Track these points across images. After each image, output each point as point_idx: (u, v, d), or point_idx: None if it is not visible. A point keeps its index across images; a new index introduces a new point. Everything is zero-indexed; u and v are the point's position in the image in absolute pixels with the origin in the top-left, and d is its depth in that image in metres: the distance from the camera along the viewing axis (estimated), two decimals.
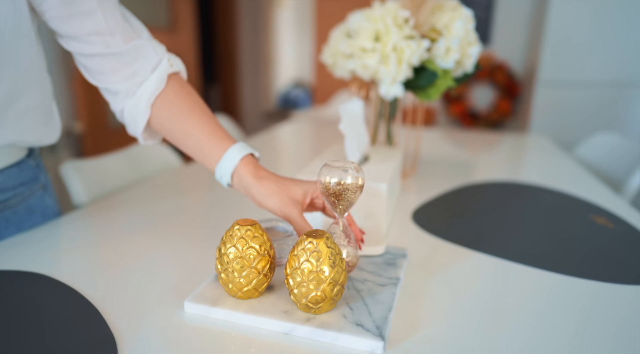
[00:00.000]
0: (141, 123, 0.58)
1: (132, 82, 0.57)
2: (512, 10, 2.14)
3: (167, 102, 0.57)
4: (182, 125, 0.57)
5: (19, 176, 0.63)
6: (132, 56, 0.56)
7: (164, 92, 0.57)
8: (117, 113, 0.61)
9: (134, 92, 0.57)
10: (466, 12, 0.81)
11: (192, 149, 0.57)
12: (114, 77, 0.57)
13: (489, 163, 1.19)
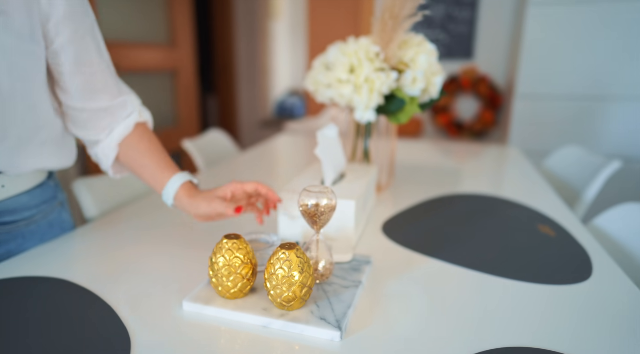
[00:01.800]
0: (110, 159, 0.74)
1: (107, 130, 0.73)
2: (492, 27, 2.26)
3: (131, 143, 0.73)
4: (140, 160, 0.73)
5: (41, 195, 0.74)
6: (114, 109, 0.72)
7: (130, 135, 0.73)
8: (92, 156, 0.76)
9: (105, 136, 0.73)
10: (430, 46, 0.92)
11: (146, 178, 0.73)
12: (96, 130, 0.72)
13: (461, 176, 1.29)
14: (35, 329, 0.52)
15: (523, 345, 0.50)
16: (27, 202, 0.71)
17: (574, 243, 0.78)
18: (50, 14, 0.64)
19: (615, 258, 0.82)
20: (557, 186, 1.35)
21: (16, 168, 0.66)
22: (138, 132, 0.74)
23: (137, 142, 0.73)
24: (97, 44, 0.70)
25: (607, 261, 0.71)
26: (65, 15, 0.65)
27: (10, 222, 0.69)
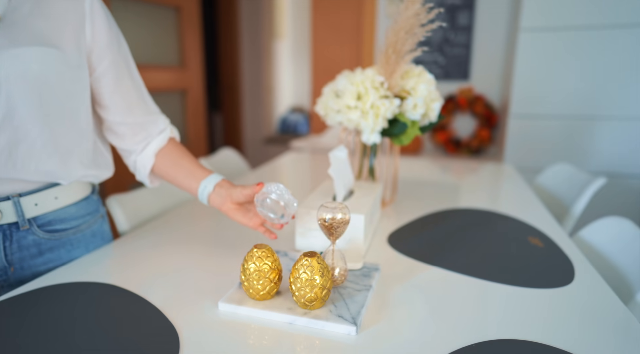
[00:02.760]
0: (147, 168, 0.84)
1: (143, 143, 0.84)
2: (487, 50, 2.39)
3: (167, 153, 0.85)
4: (176, 167, 0.84)
5: (86, 207, 0.84)
6: (148, 125, 0.84)
7: (165, 147, 0.85)
8: (130, 165, 0.87)
9: (142, 148, 0.84)
10: (429, 76, 1.03)
11: (182, 180, 0.83)
12: (132, 140, 0.83)
13: (460, 191, 1.39)
14: (92, 328, 0.60)
15: (512, 338, 0.59)
16: (74, 213, 0.81)
17: (560, 252, 0.87)
18: (93, 47, 0.76)
19: (598, 266, 0.91)
20: (549, 201, 1.44)
21: (67, 177, 0.77)
22: (171, 144, 0.86)
23: (172, 152, 0.85)
24: (130, 69, 0.83)
25: (588, 268, 0.80)
26: (105, 47, 0.77)
27: (61, 230, 0.79)
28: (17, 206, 0.72)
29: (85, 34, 0.75)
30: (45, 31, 0.70)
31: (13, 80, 0.66)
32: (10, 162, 0.70)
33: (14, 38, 0.67)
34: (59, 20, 0.72)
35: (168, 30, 2.56)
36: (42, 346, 0.56)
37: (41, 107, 0.70)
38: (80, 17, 0.74)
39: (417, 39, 0.95)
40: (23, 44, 0.67)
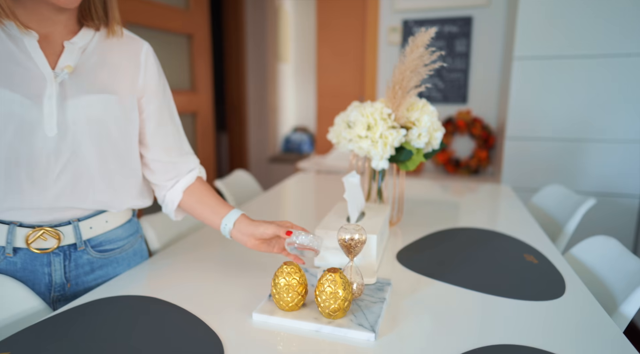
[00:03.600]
0: (175, 203, 0.93)
1: (173, 181, 0.93)
2: (483, 76, 2.52)
3: (194, 191, 0.93)
4: (200, 204, 0.91)
5: (129, 229, 0.94)
6: (180, 164, 0.93)
7: (192, 185, 0.94)
8: (159, 198, 0.96)
9: (172, 184, 0.93)
10: (431, 108, 1.14)
11: (206, 216, 0.90)
12: (164, 176, 0.93)
13: (460, 211, 1.49)
14: (142, 335, 0.70)
15: (508, 344, 0.68)
16: (120, 234, 0.90)
17: (553, 269, 0.97)
18: (144, 92, 0.87)
19: (587, 280, 1.00)
20: (543, 219, 1.54)
21: (118, 207, 0.87)
22: (198, 182, 0.95)
23: (198, 189, 0.93)
24: (172, 114, 0.93)
25: (578, 283, 0.89)
26: (153, 93, 0.88)
27: (109, 250, 0.89)
28: (76, 230, 0.82)
29: (138, 81, 0.85)
30: (107, 80, 0.81)
31: (80, 123, 0.77)
32: (73, 193, 0.80)
33: (82, 87, 0.77)
34: (119, 69, 0.83)
35: (181, 57, 2.70)
36: (99, 353, 0.65)
37: (100, 145, 0.80)
38: (136, 66, 0.85)
39: (421, 77, 1.06)
40: (89, 91, 0.78)
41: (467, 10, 2.49)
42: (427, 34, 1.03)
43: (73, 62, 0.78)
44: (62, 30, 0.79)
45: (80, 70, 0.79)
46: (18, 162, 0.74)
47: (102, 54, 0.82)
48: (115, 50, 0.84)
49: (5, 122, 0.72)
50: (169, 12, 2.52)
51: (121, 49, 0.85)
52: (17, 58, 0.73)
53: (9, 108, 0.71)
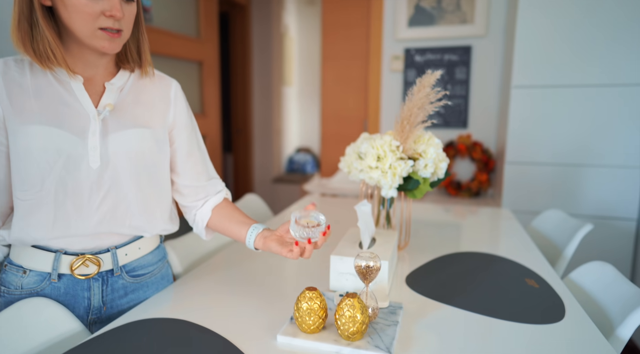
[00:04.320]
0: (205, 221, 1.00)
1: (203, 201, 1.01)
2: (482, 102, 2.63)
3: (222, 209, 1.01)
4: (228, 219, 0.99)
5: (158, 255, 1.01)
6: (208, 187, 1.02)
7: (220, 204, 1.02)
8: (189, 219, 1.03)
9: (202, 204, 1.01)
10: (437, 141, 1.23)
11: (233, 230, 0.97)
12: (195, 198, 1.01)
13: (463, 235, 1.56)
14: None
15: None
16: (150, 260, 0.97)
17: (553, 293, 1.03)
18: (174, 125, 0.96)
19: (585, 304, 1.07)
20: (543, 243, 1.61)
21: (151, 231, 0.94)
22: (225, 202, 1.03)
23: (225, 207, 1.02)
24: (199, 143, 1.02)
25: (576, 307, 0.96)
26: (182, 126, 0.97)
27: (141, 275, 0.96)
28: (114, 256, 0.90)
29: (169, 115, 0.95)
30: (142, 115, 0.90)
31: (119, 155, 0.85)
32: (113, 219, 0.87)
33: (120, 122, 0.86)
34: (152, 105, 0.92)
35: (192, 82, 2.81)
36: None
37: (137, 175, 0.88)
38: (167, 103, 0.95)
39: (427, 113, 1.15)
40: (127, 126, 0.87)
41: (466, 39, 2.61)
42: (433, 76, 1.12)
43: (113, 100, 0.87)
44: (102, 72, 0.88)
45: (119, 108, 0.87)
46: (66, 192, 0.82)
47: (137, 92, 0.92)
48: (148, 88, 0.94)
49: (56, 157, 0.80)
50: (183, 41, 2.64)
51: (153, 87, 0.94)
52: (66, 99, 0.82)
53: (59, 144, 0.80)
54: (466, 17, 2.57)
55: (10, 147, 0.80)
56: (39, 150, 0.79)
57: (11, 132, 0.79)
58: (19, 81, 0.80)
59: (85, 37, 0.78)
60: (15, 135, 0.79)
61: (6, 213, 0.87)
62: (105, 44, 0.80)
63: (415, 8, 2.64)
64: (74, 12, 0.76)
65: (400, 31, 2.68)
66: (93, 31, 0.78)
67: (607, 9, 2.02)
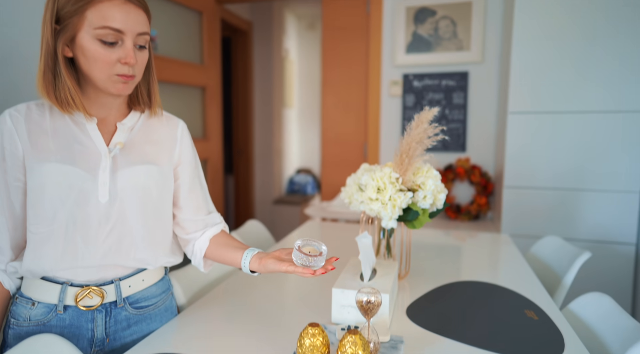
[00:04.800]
0: (203, 250, 1.03)
1: (201, 232, 1.04)
2: (480, 127, 2.68)
3: (218, 239, 1.04)
4: (224, 247, 1.01)
5: (162, 287, 1.03)
6: (207, 220, 1.05)
7: (218, 234, 1.05)
8: (188, 251, 1.06)
9: (200, 235, 1.04)
10: (435, 173, 1.26)
11: (229, 257, 0.99)
12: (194, 230, 1.04)
13: (463, 263, 1.57)
14: None
15: None
16: (154, 292, 0.99)
17: (552, 326, 1.04)
18: (179, 162, 1.00)
19: (583, 336, 1.08)
20: (542, 270, 1.62)
21: (154, 263, 0.97)
22: (222, 233, 1.07)
23: (222, 237, 1.05)
24: (200, 179, 1.07)
25: (575, 340, 0.97)
26: (186, 163, 1.01)
27: (145, 307, 0.98)
28: (117, 288, 0.92)
29: (175, 153, 0.99)
30: (150, 152, 0.95)
31: (127, 190, 0.89)
32: (118, 251, 0.91)
33: (129, 159, 0.91)
34: (159, 143, 0.97)
35: (195, 107, 2.87)
36: None
37: (143, 209, 0.92)
38: (173, 141, 1.00)
39: (425, 147, 1.18)
40: (135, 163, 0.91)
41: (463, 66, 2.67)
42: (430, 112, 1.16)
43: (123, 139, 0.92)
44: (115, 113, 0.94)
45: (128, 146, 0.93)
46: (75, 225, 0.86)
47: (146, 131, 0.97)
48: (157, 127, 0.99)
49: (68, 192, 0.85)
50: (187, 68, 2.70)
51: (161, 126, 1.00)
52: (80, 139, 0.88)
53: (72, 180, 0.85)
54: (462, 44, 2.64)
55: (28, 183, 0.85)
56: (54, 186, 0.84)
57: (29, 169, 0.85)
58: (39, 123, 0.87)
59: (101, 82, 0.85)
60: (33, 172, 0.84)
61: (20, 246, 0.91)
62: (120, 86, 0.86)
63: (412, 35, 2.71)
64: (93, 61, 0.82)
65: (398, 57, 2.74)
66: (109, 77, 0.84)
67: (603, 35, 2.08)
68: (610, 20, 2.06)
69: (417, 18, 2.69)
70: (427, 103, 2.75)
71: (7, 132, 0.84)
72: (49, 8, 0.82)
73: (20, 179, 0.86)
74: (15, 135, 0.84)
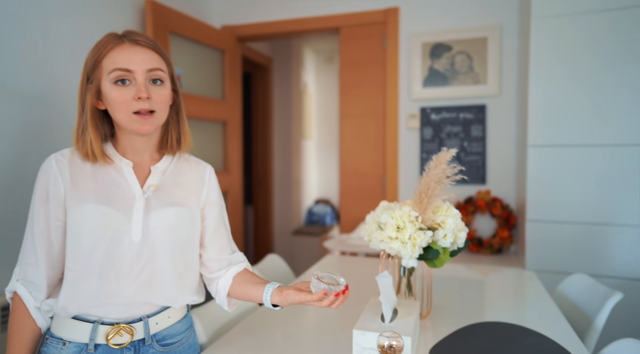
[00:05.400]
0: (227, 288, 1.05)
1: (225, 270, 1.07)
2: (500, 160, 2.66)
3: (240, 277, 1.06)
4: (246, 283, 1.04)
5: (186, 324, 1.05)
6: (231, 259, 1.08)
7: (241, 272, 1.07)
8: (212, 290, 1.08)
9: (224, 273, 1.06)
10: (455, 211, 1.25)
11: (252, 293, 1.01)
12: (218, 268, 1.06)
13: (487, 302, 1.53)
14: None
15: None
16: (179, 329, 1.01)
17: None
18: (205, 204, 1.05)
19: None
20: (570, 311, 1.56)
21: (180, 302, 0.99)
22: (245, 271, 1.09)
23: (245, 275, 1.07)
24: (225, 221, 1.10)
25: None
26: (213, 204, 1.06)
27: (170, 344, 0.99)
28: (145, 325, 0.94)
29: (202, 194, 1.04)
30: (180, 194, 1.00)
31: (158, 230, 0.93)
32: (148, 289, 0.94)
33: (161, 201, 0.96)
34: (188, 186, 1.02)
35: (216, 141, 2.95)
36: None
37: (172, 249, 0.96)
38: (201, 184, 1.05)
39: (444, 186, 1.19)
40: (167, 205, 0.96)
41: (480, 99, 2.69)
42: (448, 153, 1.17)
43: (157, 181, 0.98)
44: (148, 158, 1.01)
45: (160, 188, 0.98)
46: (110, 263, 0.90)
47: (177, 174, 1.03)
48: (186, 171, 1.05)
49: (104, 231, 0.89)
50: (209, 103, 2.80)
51: (191, 170, 1.06)
52: (117, 181, 0.94)
53: (108, 221, 0.90)
54: (479, 78, 2.67)
55: (67, 222, 0.91)
56: (91, 225, 0.89)
57: (69, 209, 0.91)
58: (81, 166, 0.94)
59: (125, 123, 0.92)
60: (72, 212, 0.90)
61: (54, 285, 0.95)
62: (139, 125, 0.92)
63: (429, 69, 2.76)
64: (114, 104, 0.90)
65: (415, 91, 2.79)
66: (129, 116, 0.91)
67: (622, 63, 2.07)
68: (630, 48, 2.05)
69: (433, 53, 2.75)
70: (445, 135, 2.76)
71: (52, 174, 0.91)
72: (82, 72, 0.94)
73: (61, 219, 0.92)
74: (59, 178, 0.91)
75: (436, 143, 2.78)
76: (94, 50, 0.91)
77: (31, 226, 0.92)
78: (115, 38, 0.91)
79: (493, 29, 2.62)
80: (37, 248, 0.91)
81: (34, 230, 0.91)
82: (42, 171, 0.92)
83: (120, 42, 0.90)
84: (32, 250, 0.91)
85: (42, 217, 0.91)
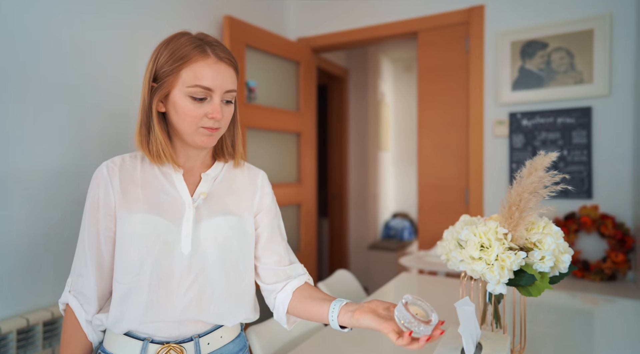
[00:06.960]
0: (286, 304, 0.94)
1: (284, 282, 0.97)
2: (611, 169, 2.26)
3: (301, 292, 0.95)
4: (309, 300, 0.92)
5: (239, 344, 0.98)
6: (289, 270, 0.98)
7: (302, 286, 0.96)
8: (270, 304, 0.98)
9: (282, 287, 0.96)
10: (555, 229, 1.03)
11: (316, 311, 0.89)
12: (275, 280, 0.97)
13: (596, 340, 1.25)
14: None
15: None
16: (232, 349, 0.95)
17: None
18: (258, 211, 0.98)
19: None
20: None
21: (232, 320, 0.92)
22: (306, 285, 0.98)
23: (306, 290, 0.96)
24: (281, 228, 1.02)
25: None
26: (266, 211, 0.98)
27: None
28: (196, 345, 0.89)
29: (255, 200, 0.98)
30: (232, 203, 0.94)
31: (209, 241, 0.88)
32: (198, 305, 0.88)
33: (212, 210, 0.91)
34: (241, 193, 0.96)
35: (290, 153, 2.95)
36: None
37: (224, 261, 0.90)
38: (254, 190, 0.98)
39: (540, 198, 0.98)
40: (217, 214, 0.90)
41: (585, 100, 2.34)
42: (547, 157, 0.97)
43: (207, 189, 0.93)
44: (200, 164, 0.96)
45: (211, 196, 0.93)
46: (159, 277, 0.86)
47: (228, 182, 0.97)
48: (238, 178, 0.99)
49: (154, 242, 0.85)
50: (284, 115, 2.82)
51: (243, 176, 1.00)
52: (166, 189, 0.90)
53: (158, 230, 0.86)
54: (582, 77, 2.32)
55: (117, 232, 0.88)
56: (141, 235, 0.85)
57: (119, 219, 0.88)
58: (131, 174, 0.91)
59: (188, 135, 0.88)
60: (122, 221, 0.87)
61: (104, 298, 0.93)
62: (205, 139, 0.88)
63: (519, 71, 2.48)
64: (183, 116, 0.86)
65: (503, 95, 2.52)
66: (196, 129, 0.87)
67: None
68: None
69: (524, 52, 2.47)
70: (540, 143, 2.44)
71: (103, 182, 0.89)
72: (149, 68, 0.89)
73: (111, 229, 0.89)
74: (109, 186, 0.88)
75: (528, 152, 2.47)
76: (172, 53, 0.84)
77: (82, 236, 0.89)
78: (198, 47, 0.85)
79: (601, 19, 2.27)
80: (88, 259, 0.89)
81: (85, 241, 0.89)
82: (94, 179, 0.89)
83: (205, 55, 0.85)
84: (83, 261, 0.89)
85: (93, 227, 0.89)
